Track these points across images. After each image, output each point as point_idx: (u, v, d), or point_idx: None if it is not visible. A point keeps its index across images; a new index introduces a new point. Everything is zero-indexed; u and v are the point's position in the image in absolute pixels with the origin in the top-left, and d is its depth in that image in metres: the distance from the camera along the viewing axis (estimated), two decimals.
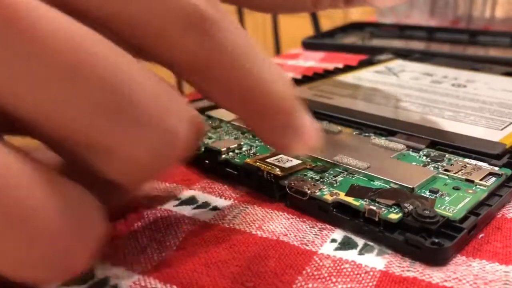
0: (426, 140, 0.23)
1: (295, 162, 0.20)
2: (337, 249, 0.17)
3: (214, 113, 0.26)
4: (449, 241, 0.16)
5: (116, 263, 0.16)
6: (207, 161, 0.22)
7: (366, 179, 0.19)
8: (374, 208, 0.17)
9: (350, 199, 0.18)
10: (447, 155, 0.22)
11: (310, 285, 0.15)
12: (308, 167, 0.20)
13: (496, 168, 0.20)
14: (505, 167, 0.20)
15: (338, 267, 0.16)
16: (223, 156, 0.21)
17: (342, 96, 0.30)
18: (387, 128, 0.24)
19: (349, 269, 0.15)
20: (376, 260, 0.16)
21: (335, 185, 0.19)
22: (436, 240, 0.16)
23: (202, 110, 0.27)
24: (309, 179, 0.19)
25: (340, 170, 0.20)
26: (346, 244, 0.17)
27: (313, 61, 0.46)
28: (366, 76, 0.35)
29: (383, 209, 0.17)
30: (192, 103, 0.28)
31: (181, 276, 0.15)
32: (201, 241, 0.17)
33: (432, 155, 0.22)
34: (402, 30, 0.54)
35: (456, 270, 0.16)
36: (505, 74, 0.36)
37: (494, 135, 0.23)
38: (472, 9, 0.59)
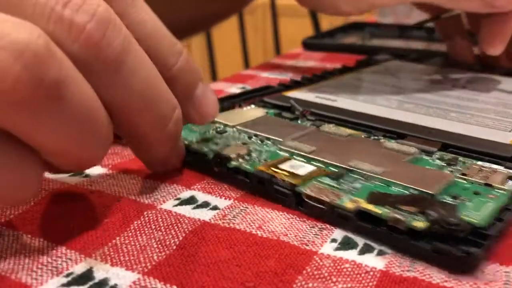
0: (437, 143, 0.22)
1: (309, 168, 0.20)
2: (337, 249, 0.16)
3: (218, 117, 0.25)
4: (478, 249, 0.15)
5: (116, 263, 0.15)
6: (216, 168, 0.21)
7: (383, 184, 0.19)
8: (399, 216, 0.16)
9: (371, 207, 0.17)
10: (460, 158, 0.21)
11: (310, 284, 0.15)
12: (323, 173, 0.20)
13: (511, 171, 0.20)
14: None
15: (338, 267, 0.15)
16: (233, 162, 0.20)
17: (345, 98, 0.29)
18: (397, 130, 0.24)
19: (349, 269, 0.15)
20: (376, 260, 0.16)
21: (353, 192, 0.18)
22: (465, 248, 0.15)
23: None
24: (326, 186, 0.19)
25: (356, 176, 0.19)
26: (346, 244, 0.17)
27: (313, 61, 0.46)
28: (366, 77, 0.34)
29: (407, 217, 0.16)
30: None
31: (181, 276, 0.15)
32: (201, 241, 0.17)
33: (446, 158, 0.21)
34: (402, 30, 0.54)
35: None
36: (504, 74, 0.36)
37: (504, 137, 0.23)
38: None
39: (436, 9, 0.37)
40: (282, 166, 0.20)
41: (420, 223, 0.16)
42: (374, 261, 0.16)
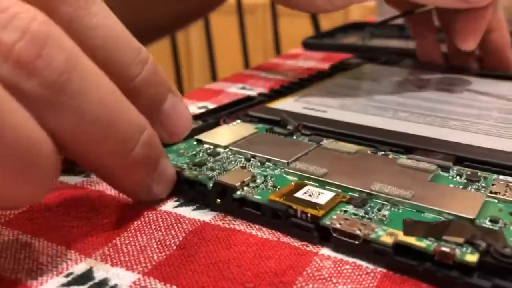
0: (451, 156, 0.21)
1: (328, 195, 0.18)
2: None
3: (204, 137, 0.23)
4: None
5: (116, 263, 0.15)
6: (219, 200, 0.18)
7: (413, 210, 0.17)
8: (447, 249, 0.14)
9: (412, 240, 0.15)
10: (479, 173, 0.20)
11: (310, 285, 0.14)
12: (344, 200, 0.17)
13: None
14: None
15: (339, 268, 0.15)
16: (239, 192, 0.18)
17: (334, 108, 0.27)
18: (404, 144, 0.22)
19: (349, 270, 0.15)
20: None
21: (385, 221, 0.16)
22: None
23: (189, 134, 0.23)
24: (353, 217, 0.16)
25: (381, 202, 0.17)
26: None
27: (313, 61, 0.45)
28: (346, 83, 0.33)
29: (455, 249, 0.14)
30: None
31: (181, 276, 0.15)
32: (201, 241, 0.16)
33: (466, 174, 0.20)
34: (402, 30, 0.53)
35: None
36: (479, 75, 0.35)
37: None
38: None
39: (407, 4, 0.36)
40: (298, 195, 0.17)
41: (472, 257, 0.14)
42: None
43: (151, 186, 0.18)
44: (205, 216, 0.18)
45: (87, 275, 0.15)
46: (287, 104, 0.28)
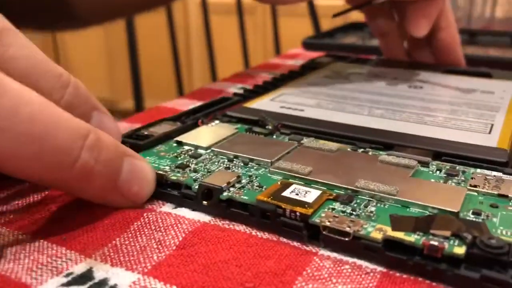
0: (429, 152, 0.21)
1: (315, 193, 0.18)
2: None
3: (185, 138, 0.22)
4: None
5: (116, 263, 0.15)
6: (205, 202, 0.18)
7: (399, 205, 0.17)
8: (436, 243, 0.15)
9: (401, 235, 0.15)
10: (457, 168, 0.20)
11: (310, 285, 0.14)
12: (331, 197, 0.18)
13: None
14: None
15: (339, 268, 0.15)
16: (226, 193, 0.18)
17: (311, 106, 0.27)
18: (383, 141, 0.22)
19: (349, 270, 0.15)
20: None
21: (373, 218, 0.16)
22: None
23: (168, 136, 0.23)
24: (341, 214, 0.17)
25: (367, 198, 0.18)
26: None
27: None
28: (320, 82, 0.33)
29: (443, 242, 0.15)
30: (152, 126, 0.24)
31: (181, 276, 0.15)
32: (201, 241, 0.16)
33: (445, 169, 0.20)
34: None
35: None
36: (446, 72, 0.36)
37: (488, 140, 0.23)
38: (472, 9, 0.59)
39: None
40: (286, 194, 0.17)
41: (460, 249, 0.15)
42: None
43: (123, 188, 0.18)
44: (205, 216, 0.18)
45: (87, 275, 0.15)
46: (264, 103, 0.28)
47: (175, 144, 0.22)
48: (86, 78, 1.97)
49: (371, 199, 0.18)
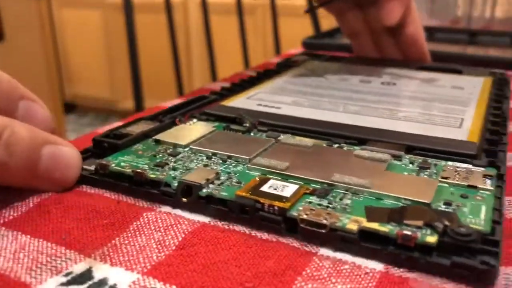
0: (401, 146, 0.22)
1: (293, 187, 0.18)
2: (337, 250, 0.16)
3: (163, 137, 0.23)
4: (494, 259, 0.15)
5: (116, 263, 0.15)
6: (184, 199, 0.18)
7: (373, 198, 0.18)
8: (409, 233, 0.15)
9: (375, 226, 0.16)
10: (429, 160, 0.21)
11: (309, 285, 0.14)
12: (307, 191, 0.18)
13: (482, 169, 0.20)
14: (489, 166, 0.20)
15: (338, 268, 0.15)
16: (205, 190, 0.18)
17: (287, 104, 0.28)
18: (357, 136, 0.23)
19: (348, 270, 0.15)
20: (376, 261, 0.16)
21: (348, 210, 0.17)
22: (485, 260, 0.15)
23: (146, 135, 0.23)
24: (318, 207, 0.17)
25: (342, 191, 0.18)
26: None
27: None
28: (296, 80, 0.33)
29: (416, 232, 0.15)
30: (129, 126, 0.24)
31: (180, 276, 0.15)
32: (201, 242, 0.16)
33: (418, 162, 0.21)
34: None
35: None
36: (418, 68, 0.37)
37: (459, 134, 0.23)
38: (472, 9, 0.59)
39: None
40: (264, 189, 0.18)
41: (432, 238, 0.15)
42: (373, 262, 0.15)
43: (45, 175, 0.18)
44: (204, 217, 0.18)
45: (86, 275, 0.15)
46: (241, 102, 0.28)
47: (153, 143, 0.22)
48: (86, 78, 1.96)
49: (346, 192, 0.18)
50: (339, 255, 0.16)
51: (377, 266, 0.15)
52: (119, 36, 1.33)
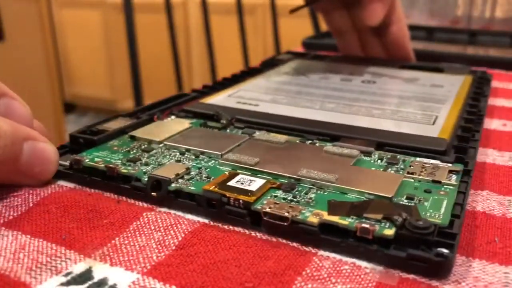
0: (372, 142, 0.22)
1: (260, 182, 0.18)
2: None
3: (138, 133, 0.23)
4: (450, 251, 0.15)
5: (115, 263, 0.15)
6: (154, 193, 0.19)
7: (337, 192, 0.18)
8: (367, 226, 0.16)
9: (336, 219, 0.16)
10: (398, 156, 0.21)
11: (309, 285, 0.14)
12: (274, 186, 0.18)
13: (449, 165, 0.20)
14: (457, 162, 0.21)
15: (338, 268, 0.15)
16: (174, 184, 0.18)
17: (266, 101, 0.28)
18: (330, 132, 0.23)
19: (348, 270, 0.15)
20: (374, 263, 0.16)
21: (311, 204, 0.17)
22: (440, 252, 0.15)
23: (122, 131, 0.23)
24: (282, 201, 0.17)
25: (308, 186, 0.19)
26: None
27: None
28: (278, 79, 0.34)
29: (375, 225, 0.16)
30: (106, 122, 0.24)
31: (180, 276, 0.15)
32: (200, 242, 0.16)
33: (386, 158, 0.21)
34: None
35: (455, 272, 0.15)
36: (400, 67, 0.38)
37: (431, 130, 0.24)
38: (472, 9, 0.59)
39: None
40: (231, 183, 0.18)
41: (390, 231, 0.16)
42: (373, 263, 0.16)
43: (25, 170, 0.19)
44: (204, 217, 0.18)
45: (86, 275, 0.15)
46: (221, 99, 0.29)
47: (128, 139, 0.23)
48: (86, 78, 1.96)
49: (312, 186, 0.18)
50: (339, 255, 0.16)
51: (377, 266, 0.15)
52: (119, 36, 1.33)
